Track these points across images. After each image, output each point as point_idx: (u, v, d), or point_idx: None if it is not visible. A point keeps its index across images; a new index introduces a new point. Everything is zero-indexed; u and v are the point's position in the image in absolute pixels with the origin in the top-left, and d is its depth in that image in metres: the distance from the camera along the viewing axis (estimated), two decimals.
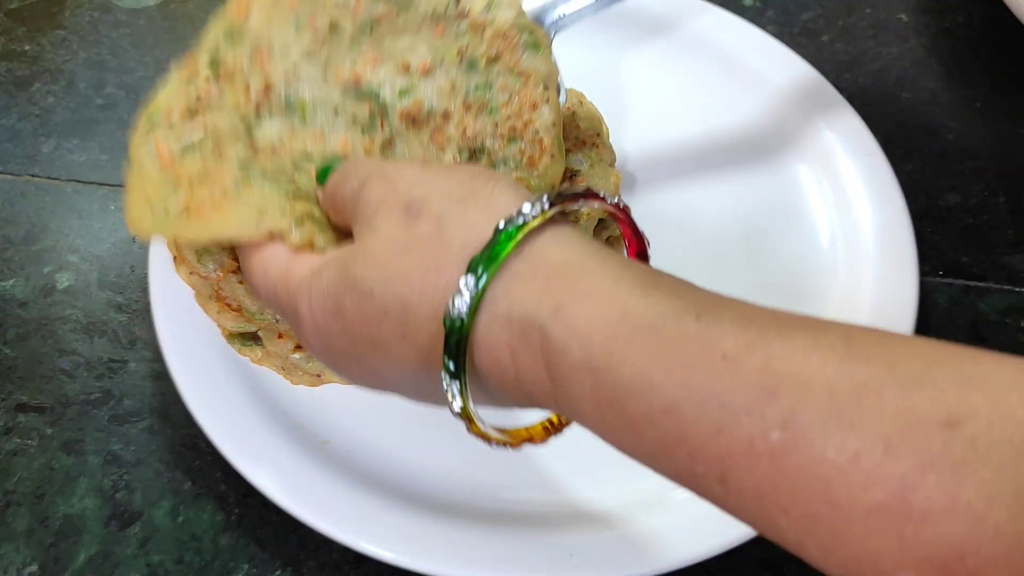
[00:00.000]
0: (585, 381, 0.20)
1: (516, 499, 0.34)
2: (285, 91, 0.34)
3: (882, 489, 0.16)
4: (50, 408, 0.38)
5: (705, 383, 0.18)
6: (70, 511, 0.35)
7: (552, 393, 0.21)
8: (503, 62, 0.35)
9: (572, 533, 0.32)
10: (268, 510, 0.35)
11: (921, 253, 0.40)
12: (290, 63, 0.35)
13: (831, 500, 0.16)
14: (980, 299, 0.41)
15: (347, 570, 0.34)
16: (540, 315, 0.20)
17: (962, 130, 0.42)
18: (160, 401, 0.38)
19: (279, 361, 0.36)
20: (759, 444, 0.17)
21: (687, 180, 0.42)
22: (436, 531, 0.32)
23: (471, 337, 0.21)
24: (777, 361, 0.18)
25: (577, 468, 0.34)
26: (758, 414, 0.17)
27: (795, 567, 0.34)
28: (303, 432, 0.35)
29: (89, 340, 0.39)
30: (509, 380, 0.22)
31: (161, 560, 0.34)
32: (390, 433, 0.35)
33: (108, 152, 0.45)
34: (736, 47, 0.46)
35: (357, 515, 0.32)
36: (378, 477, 0.34)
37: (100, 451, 0.36)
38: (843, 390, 0.17)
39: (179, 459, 0.36)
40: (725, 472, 0.18)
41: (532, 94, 0.35)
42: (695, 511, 0.33)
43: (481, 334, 0.21)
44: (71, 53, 0.49)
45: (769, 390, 0.17)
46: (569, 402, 0.21)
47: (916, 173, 0.44)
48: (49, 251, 0.42)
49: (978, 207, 0.43)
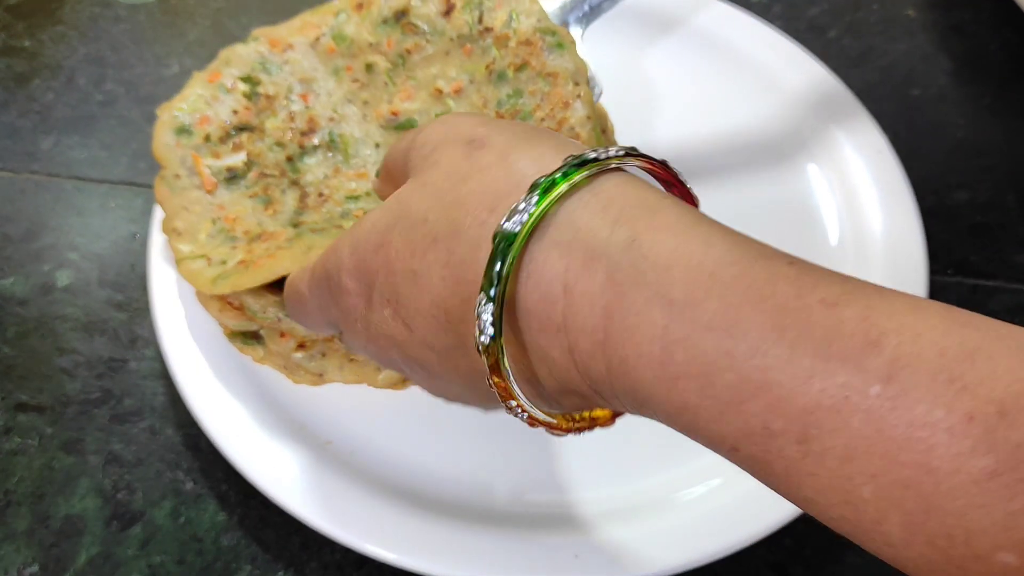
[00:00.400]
0: (656, 317, 0.17)
1: (520, 500, 0.33)
2: (329, 129, 0.37)
3: (994, 456, 0.14)
4: (50, 407, 0.37)
5: (799, 325, 0.16)
6: (71, 511, 0.35)
7: (601, 341, 0.18)
8: (530, 68, 0.36)
9: (577, 534, 0.32)
10: (270, 511, 0.35)
11: (930, 251, 0.40)
12: (331, 105, 0.37)
13: (931, 466, 0.14)
14: (989, 298, 0.40)
15: (349, 571, 0.34)
16: (611, 244, 0.18)
17: (971, 127, 0.41)
18: (161, 400, 0.37)
19: (281, 360, 0.36)
20: (855, 398, 0.15)
21: (694, 177, 0.42)
22: (439, 532, 0.32)
23: (520, 262, 0.19)
24: (879, 314, 0.16)
25: (582, 468, 0.34)
26: (857, 364, 0.15)
27: (801, 568, 0.34)
28: (305, 432, 0.35)
29: (89, 339, 0.39)
30: (553, 322, 0.19)
31: (162, 561, 0.34)
32: (393, 433, 0.35)
33: (108, 149, 0.45)
34: (742, 43, 0.45)
35: (360, 516, 0.32)
36: (381, 478, 0.34)
37: (101, 451, 0.36)
38: (954, 351, 0.15)
39: (180, 459, 0.36)
40: (808, 429, 0.16)
41: (563, 92, 0.35)
42: (701, 512, 0.33)
43: (533, 258, 0.19)
44: (71, 49, 0.49)
45: (872, 341, 0.15)
46: (623, 346, 0.18)
47: (924, 170, 0.44)
48: (49, 249, 0.42)
49: (987, 205, 0.43)
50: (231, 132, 0.36)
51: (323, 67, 0.38)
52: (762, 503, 0.32)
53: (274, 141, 0.36)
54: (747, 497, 0.32)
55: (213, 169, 0.35)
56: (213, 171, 0.35)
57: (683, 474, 0.34)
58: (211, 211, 0.34)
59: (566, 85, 0.36)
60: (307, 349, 0.35)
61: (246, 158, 0.35)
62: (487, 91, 0.37)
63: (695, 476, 0.34)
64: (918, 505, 0.15)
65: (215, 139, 0.35)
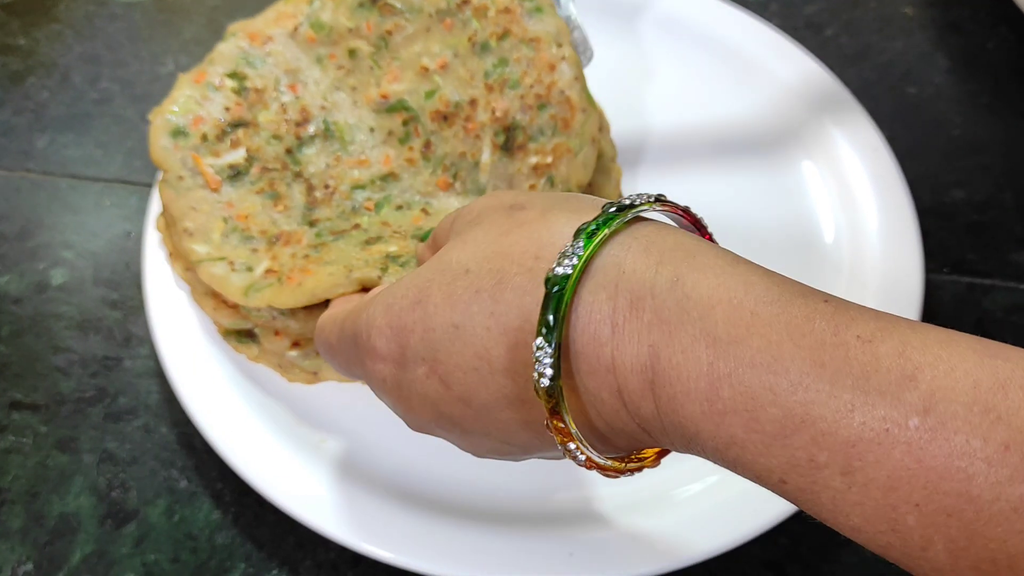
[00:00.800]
0: (702, 355, 0.18)
1: (515, 498, 0.33)
2: (323, 117, 0.37)
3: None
4: (44, 406, 0.37)
5: (838, 361, 0.17)
6: (65, 509, 0.35)
7: (650, 380, 0.19)
8: (512, 35, 0.36)
9: (572, 532, 0.32)
10: (264, 509, 0.34)
11: (927, 250, 0.40)
12: (320, 94, 0.37)
13: (972, 495, 0.15)
14: (985, 296, 0.40)
15: (344, 570, 0.34)
16: (656, 284, 0.19)
17: (968, 125, 0.41)
18: (155, 399, 0.37)
19: (275, 359, 0.36)
20: (895, 430, 0.16)
21: (690, 175, 0.42)
22: (434, 531, 0.32)
23: (569, 305, 0.19)
24: (914, 349, 0.17)
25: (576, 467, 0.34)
26: (896, 398, 0.16)
27: (797, 567, 0.34)
28: (299, 430, 0.35)
29: (84, 337, 0.39)
30: (602, 363, 0.19)
31: (157, 559, 0.34)
32: (387, 432, 0.35)
33: (103, 147, 0.45)
34: (739, 40, 0.45)
35: (354, 514, 0.32)
36: (375, 476, 0.34)
37: (95, 449, 0.36)
38: (987, 382, 0.16)
39: (175, 457, 0.36)
40: (851, 460, 0.16)
41: (547, 56, 0.36)
42: (697, 510, 0.33)
43: (582, 301, 0.19)
44: (66, 47, 0.49)
45: (908, 375, 0.16)
46: (672, 384, 0.18)
47: (922, 169, 0.44)
48: (43, 247, 0.42)
49: (984, 203, 0.43)
50: (227, 129, 0.36)
51: (305, 56, 0.38)
52: (757, 501, 0.32)
53: (270, 134, 0.36)
54: (742, 495, 0.32)
55: (215, 167, 0.35)
56: (216, 169, 0.34)
57: (678, 472, 0.34)
58: (220, 209, 0.34)
59: (549, 48, 0.36)
60: (301, 347, 0.35)
61: (246, 154, 0.35)
62: (472, 64, 0.37)
63: (690, 474, 0.34)
64: (961, 532, 0.15)
65: (212, 138, 0.35)
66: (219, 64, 0.37)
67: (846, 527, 0.17)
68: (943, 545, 0.16)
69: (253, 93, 0.37)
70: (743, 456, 0.18)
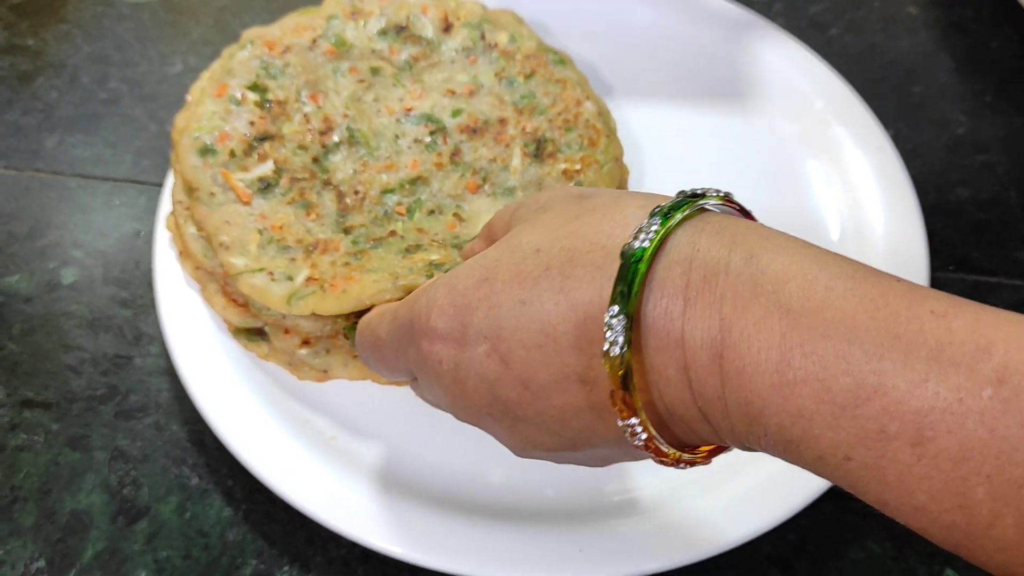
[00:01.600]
0: (774, 326, 0.18)
1: (525, 494, 0.34)
2: (346, 124, 0.38)
3: None
4: (56, 404, 0.37)
5: (912, 334, 0.17)
6: (77, 507, 0.35)
7: (719, 353, 0.19)
8: (539, 75, 0.38)
9: (583, 528, 0.32)
10: (275, 506, 0.35)
11: (932, 248, 0.40)
12: (342, 104, 0.38)
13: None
14: (991, 294, 0.40)
15: (355, 566, 0.34)
16: (731, 262, 0.19)
17: (973, 124, 0.41)
18: (166, 397, 0.38)
19: (285, 357, 0.36)
20: (969, 401, 0.16)
21: (696, 174, 0.42)
22: (444, 527, 0.32)
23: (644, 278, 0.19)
24: (986, 325, 0.17)
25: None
26: (970, 368, 0.16)
27: (804, 563, 0.34)
28: (310, 428, 0.35)
29: (94, 336, 0.39)
30: (671, 338, 0.19)
31: (168, 556, 0.34)
32: (397, 429, 0.35)
33: (112, 147, 0.45)
34: (744, 40, 0.45)
35: (364, 511, 0.32)
36: (385, 473, 0.34)
37: (106, 447, 0.36)
38: None
39: (186, 455, 0.36)
40: (923, 431, 0.16)
41: (573, 94, 0.38)
42: (704, 506, 0.33)
43: (656, 275, 0.20)
44: (74, 47, 0.49)
45: (982, 348, 0.16)
46: (741, 357, 0.18)
47: (926, 167, 0.44)
48: (53, 246, 0.42)
49: (989, 202, 0.43)
50: (253, 144, 0.36)
51: (325, 68, 0.38)
52: (766, 498, 0.32)
53: (296, 145, 0.37)
54: (750, 492, 0.33)
55: (246, 181, 0.35)
56: (246, 183, 0.35)
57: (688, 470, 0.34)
58: (254, 221, 0.34)
59: (575, 89, 0.38)
60: (311, 346, 0.35)
61: (274, 166, 0.36)
62: (501, 91, 0.38)
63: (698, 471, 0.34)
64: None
65: (239, 153, 0.36)
66: (238, 75, 0.37)
67: (909, 508, 0.17)
68: (1012, 520, 0.16)
69: (276, 106, 0.37)
70: (809, 431, 0.18)
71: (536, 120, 0.37)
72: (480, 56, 0.39)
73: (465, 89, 0.38)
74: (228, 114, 0.36)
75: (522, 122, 0.37)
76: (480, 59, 0.39)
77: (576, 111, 0.37)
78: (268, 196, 0.35)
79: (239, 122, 0.36)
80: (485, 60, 0.39)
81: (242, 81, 0.37)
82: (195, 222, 0.35)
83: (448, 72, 0.39)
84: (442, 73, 0.39)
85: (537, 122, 0.37)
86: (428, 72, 0.39)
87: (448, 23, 0.40)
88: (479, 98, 0.38)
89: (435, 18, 0.40)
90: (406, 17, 0.40)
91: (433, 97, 0.38)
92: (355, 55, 0.39)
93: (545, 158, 0.37)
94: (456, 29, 0.39)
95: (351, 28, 0.39)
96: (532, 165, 0.37)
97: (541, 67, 0.38)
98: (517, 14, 0.41)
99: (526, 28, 0.40)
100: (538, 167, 0.36)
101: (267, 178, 0.36)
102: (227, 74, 0.37)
